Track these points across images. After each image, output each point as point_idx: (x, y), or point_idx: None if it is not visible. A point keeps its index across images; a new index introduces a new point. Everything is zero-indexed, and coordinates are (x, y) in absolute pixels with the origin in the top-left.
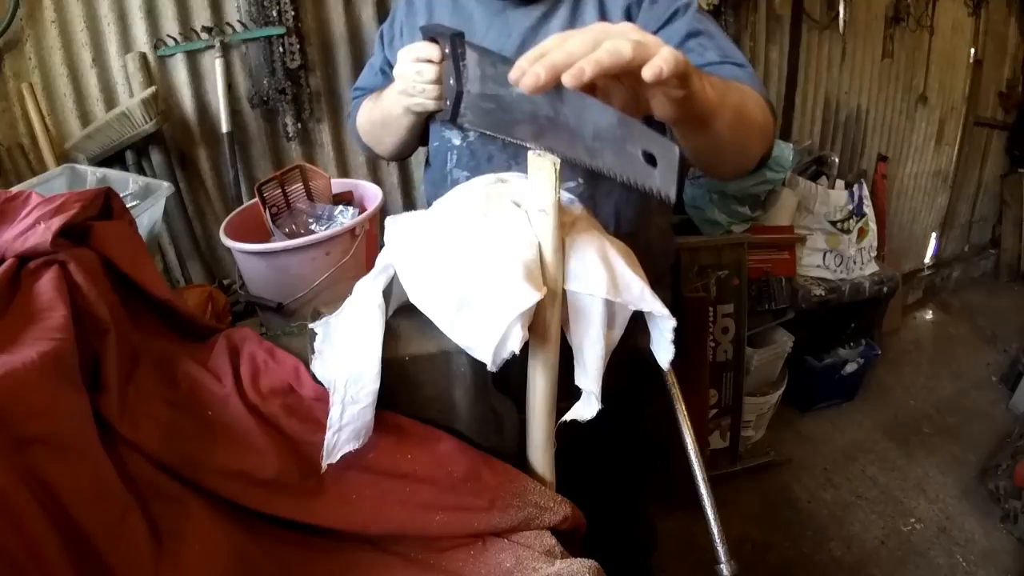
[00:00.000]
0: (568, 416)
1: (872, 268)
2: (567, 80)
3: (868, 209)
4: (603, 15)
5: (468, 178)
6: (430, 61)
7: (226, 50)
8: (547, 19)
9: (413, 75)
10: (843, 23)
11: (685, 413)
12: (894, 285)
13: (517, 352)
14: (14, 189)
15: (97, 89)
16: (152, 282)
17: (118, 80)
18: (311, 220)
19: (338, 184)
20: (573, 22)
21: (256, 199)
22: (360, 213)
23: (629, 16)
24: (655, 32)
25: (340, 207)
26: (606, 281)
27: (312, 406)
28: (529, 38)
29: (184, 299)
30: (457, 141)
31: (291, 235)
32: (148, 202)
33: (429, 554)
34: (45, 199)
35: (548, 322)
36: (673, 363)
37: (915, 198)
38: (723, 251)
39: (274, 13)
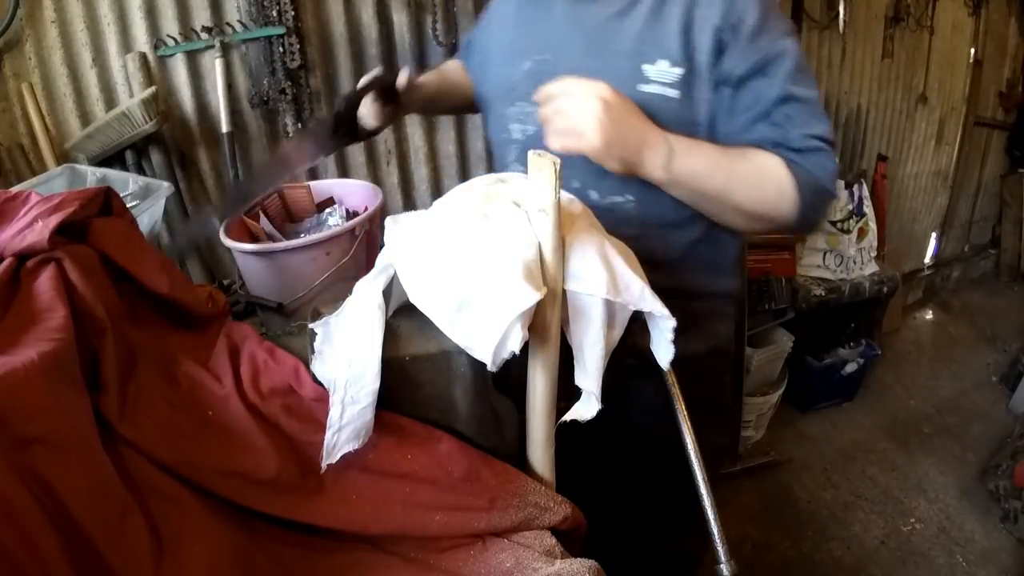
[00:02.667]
0: (568, 416)
1: (872, 268)
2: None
3: (868, 209)
4: (688, 26)
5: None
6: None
7: (226, 50)
8: (624, 16)
9: None
10: (843, 23)
11: (685, 413)
12: (894, 285)
13: (517, 352)
14: (14, 189)
15: (97, 89)
16: (150, 277)
17: (118, 80)
18: (302, 235)
19: (316, 193)
20: (653, 26)
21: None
22: (347, 212)
23: (719, 42)
24: (745, 77)
25: (328, 209)
26: (606, 281)
27: (312, 406)
28: (597, 35)
29: (189, 287)
30: (517, 136)
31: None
32: (148, 202)
33: (429, 554)
34: (44, 198)
35: (548, 322)
36: (673, 363)
37: (915, 198)
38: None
39: (274, 13)
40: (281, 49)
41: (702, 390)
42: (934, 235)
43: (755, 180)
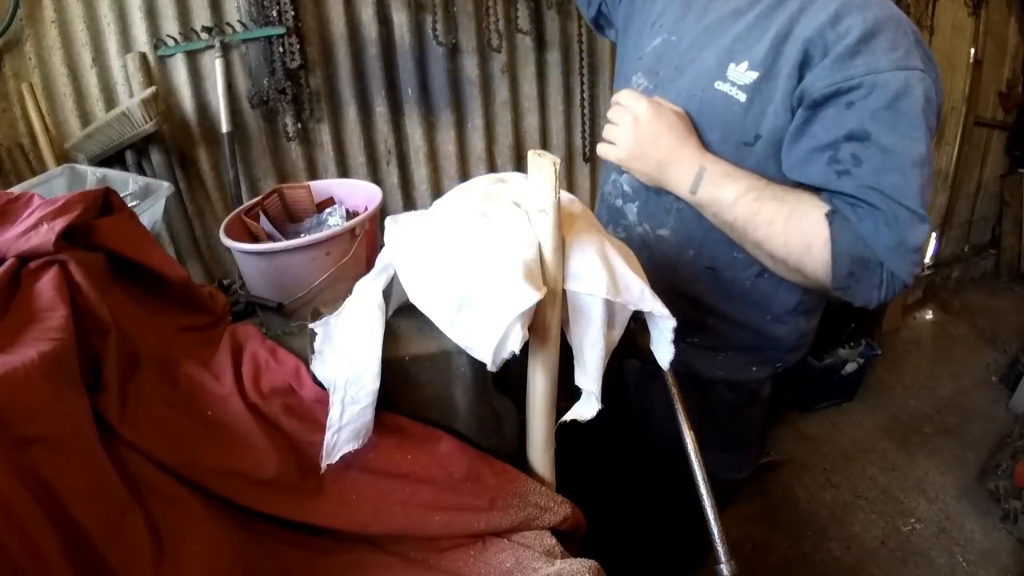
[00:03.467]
0: (568, 416)
1: None
2: None
3: None
4: (785, 34)
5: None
6: None
7: (226, 50)
8: (738, 15)
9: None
10: None
11: (685, 413)
12: None
13: (517, 352)
14: (14, 189)
15: (97, 89)
16: (165, 265)
17: (118, 80)
18: (302, 235)
19: (316, 193)
20: (753, 29)
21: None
22: (347, 212)
23: (806, 54)
24: (821, 101)
25: (328, 209)
26: (606, 281)
27: (312, 407)
28: (711, 28)
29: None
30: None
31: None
32: (148, 202)
33: (429, 554)
34: (47, 200)
35: (548, 322)
36: (673, 363)
37: None
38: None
39: (274, 13)
40: (281, 49)
41: (712, 415)
42: (934, 235)
43: (779, 227)
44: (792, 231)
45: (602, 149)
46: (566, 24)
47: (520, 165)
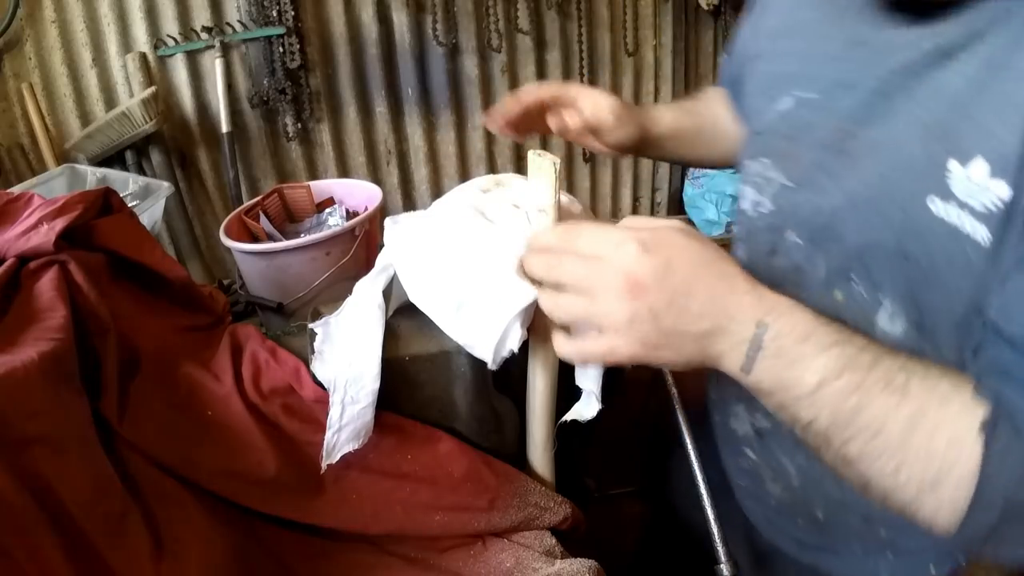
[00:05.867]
0: (568, 416)
1: None
2: None
3: None
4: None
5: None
6: None
7: (226, 50)
8: (948, 58)
9: None
10: None
11: (686, 413)
12: None
13: (516, 351)
14: (14, 189)
15: (97, 89)
16: (165, 265)
17: (118, 80)
18: (302, 235)
19: (316, 193)
20: (986, 88)
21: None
22: (347, 212)
23: None
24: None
25: (328, 209)
26: None
27: (312, 407)
28: (896, 79)
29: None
30: (747, 207)
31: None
32: (148, 202)
33: (429, 554)
34: (47, 200)
35: (548, 322)
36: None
37: None
38: (724, 250)
39: (274, 13)
40: (281, 49)
41: None
42: None
43: (893, 439)
44: (914, 451)
45: (582, 348)
46: (566, 24)
47: (520, 165)
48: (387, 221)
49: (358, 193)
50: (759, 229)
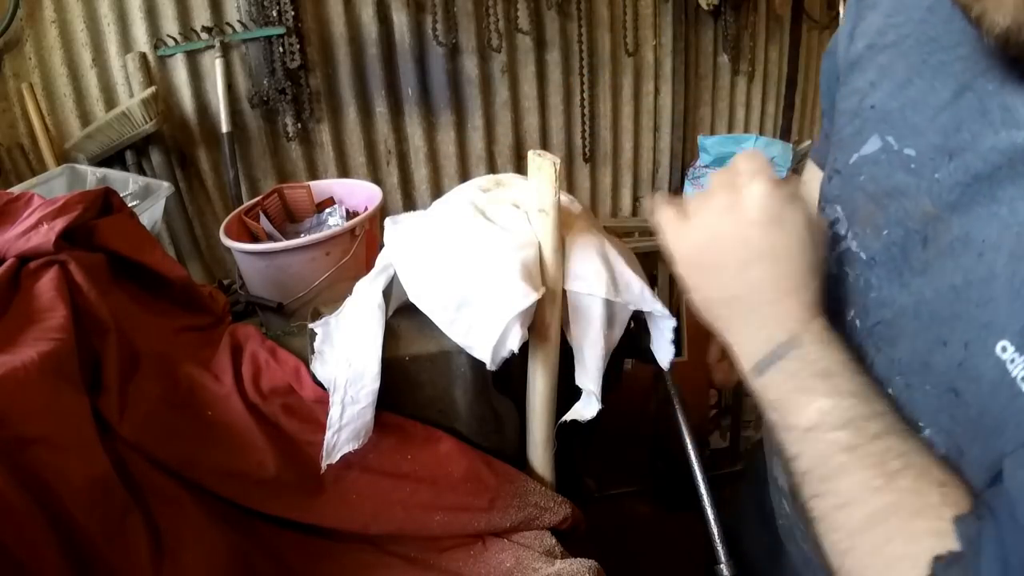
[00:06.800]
0: (568, 416)
1: None
2: None
3: None
4: None
5: None
6: None
7: (226, 50)
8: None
9: None
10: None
11: (686, 413)
12: None
13: (516, 351)
14: (15, 189)
15: (97, 89)
16: (165, 265)
17: (118, 80)
18: (302, 235)
19: (316, 193)
20: None
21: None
22: (347, 212)
23: None
24: None
25: (328, 209)
26: (606, 281)
27: (312, 407)
28: (1004, 177)
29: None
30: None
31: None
32: (148, 202)
33: (429, 554)
34: (47, 200)
35: (548, 322)
36: (673, 363)
37: None
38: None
39: (274, 13)
40: (281, 49)
41: None
42: None
43: (856, 516)
44: (868, 545)
45: (659, 220)
46: (566, 24)
47: (520, 165)
48: (387, 221)
49: (358, 193)
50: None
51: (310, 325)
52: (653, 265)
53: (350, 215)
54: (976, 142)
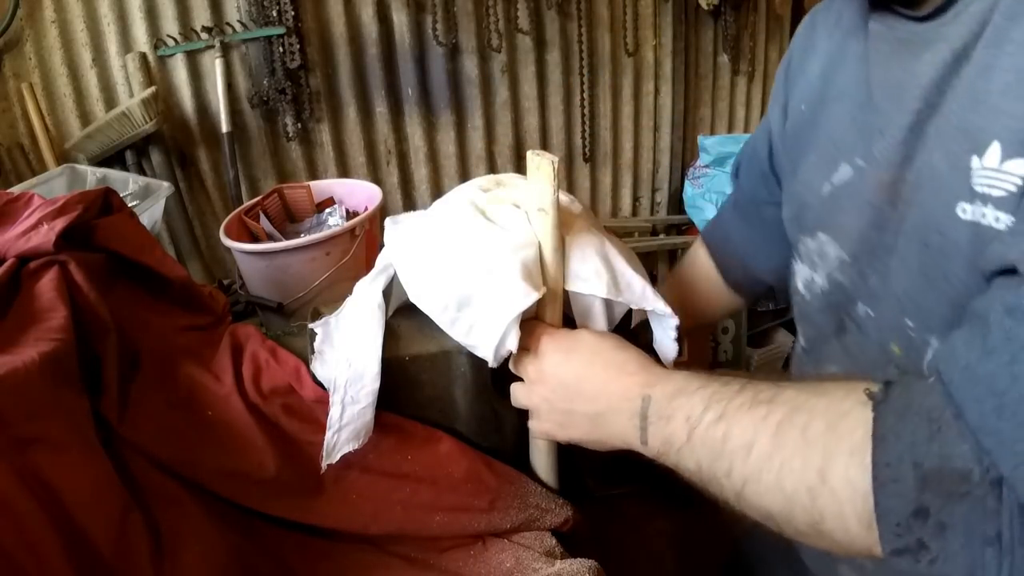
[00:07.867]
0: None
1: None
2: None
3: None
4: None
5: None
6: None
7: (226, 50)
8: (960, 62)
9: None
10: None
11: None
12: None
13: (514, 351)
14: (14, 189)
15: (97, 89)
16: (165, 265)
17: (118, 80)
18: (302, 235)
19: (316, 193)
20: (989, 75)
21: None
22: (347, 212)
23: None
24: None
25: (328, 209)
26: (607, 280)
27: (312, 407)
28: (934, 100)
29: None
30: (800, 287)
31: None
32: (148, 202)
33: (429, 554)
34: (47, 200)
35: (548, 322)
36: (674, 363)
37: None
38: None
39: (274, 13)
40: (281, 49)
41: None
42: None
43: (763, 448)
44: (790, 448)
45: (530, 426)
46: (566, 24)
47: (520, 165)
48: (387, 221)
49: (358, 193)
50: (816, 310)
51: (310, 325)
52: (654, 264)
53: (350, 215)
54: (898, 106)
